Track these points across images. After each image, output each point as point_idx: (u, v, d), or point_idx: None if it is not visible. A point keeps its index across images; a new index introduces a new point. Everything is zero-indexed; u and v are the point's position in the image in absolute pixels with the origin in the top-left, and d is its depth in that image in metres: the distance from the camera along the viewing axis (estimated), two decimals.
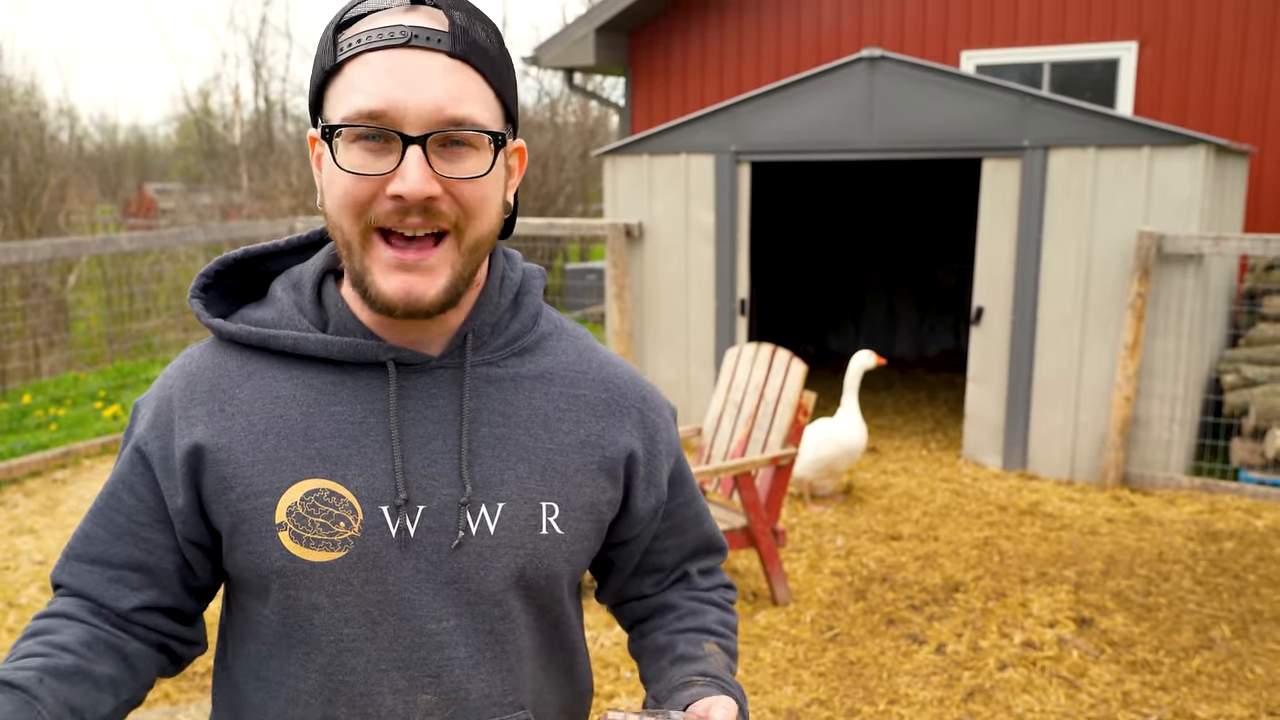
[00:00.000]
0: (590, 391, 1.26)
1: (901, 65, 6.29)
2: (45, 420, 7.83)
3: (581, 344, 1.30)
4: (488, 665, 1.18)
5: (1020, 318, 6.22)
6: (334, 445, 1.14)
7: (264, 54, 27.54)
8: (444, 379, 1.18)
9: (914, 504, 5.85)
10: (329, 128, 1.07)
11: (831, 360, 9.95)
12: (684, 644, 1.32)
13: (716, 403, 5.01)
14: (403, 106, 1.04)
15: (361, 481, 1.13)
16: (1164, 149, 5.72)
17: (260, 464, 1.13)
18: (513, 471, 1.18)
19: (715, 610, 1.38)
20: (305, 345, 1.16)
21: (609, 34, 9.68)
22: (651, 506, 1.30)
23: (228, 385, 1.17)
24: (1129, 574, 4.81)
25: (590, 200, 17.98)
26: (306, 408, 1.15)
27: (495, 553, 1.16)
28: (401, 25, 1.05)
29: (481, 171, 1.08)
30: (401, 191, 1.04)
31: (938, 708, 3.71)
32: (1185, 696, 3.76)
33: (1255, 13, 7.73)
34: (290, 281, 1.23)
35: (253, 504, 1.13)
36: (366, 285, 1.10)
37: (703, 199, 6.94)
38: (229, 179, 19.90)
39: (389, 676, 1.15)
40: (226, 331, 1.19)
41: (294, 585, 1.13)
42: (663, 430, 1.32)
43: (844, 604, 4.57)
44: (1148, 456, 6.07)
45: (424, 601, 1.15)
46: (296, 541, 1.12)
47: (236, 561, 1.16)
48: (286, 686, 1.17)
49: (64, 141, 20.16)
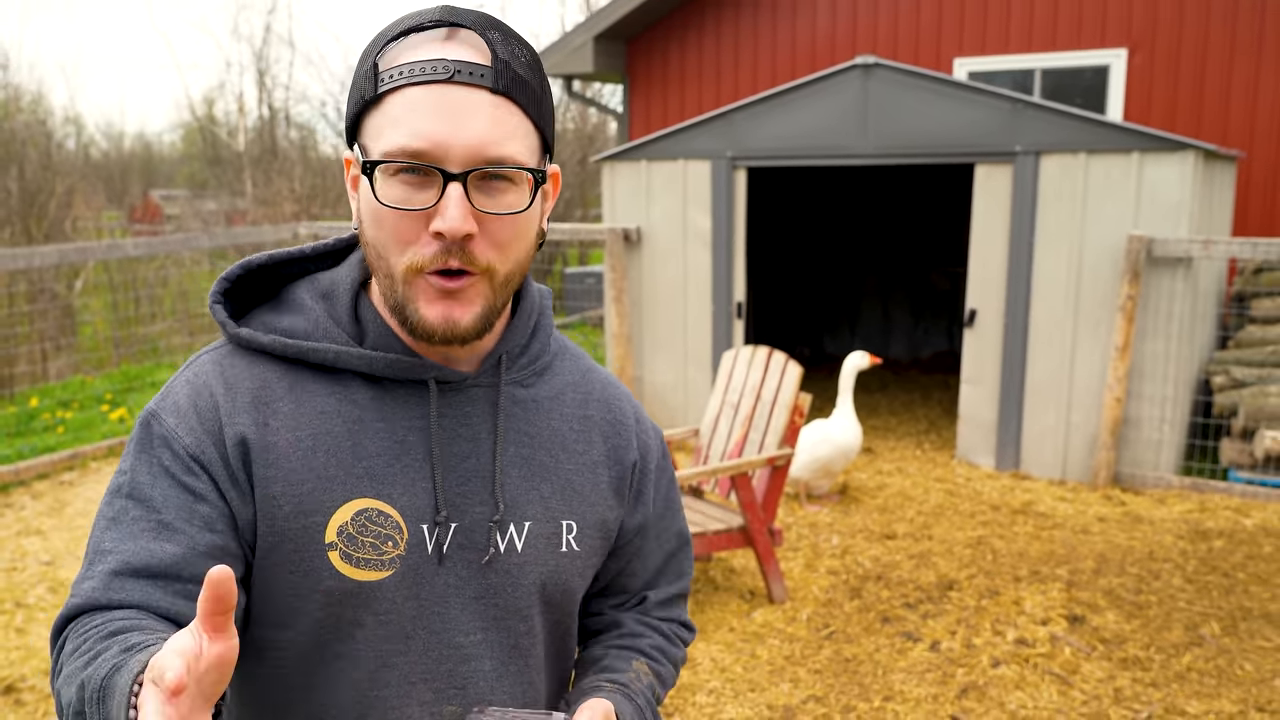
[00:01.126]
0: (597, 412, 1.29)
1: (895, 72, 6.29)
2: (52, 423, 7.82)
3: (583, 364, 1.32)
4: (510, 677, 1.20)
5: (1013, 320, 6.23)
6: (380, 464, 1.13)
7: (268, 62, 27.50)
8: (477, 398, 1.19)
9: (908, 504, 5.85)
10: (370, 163, 1.06)
11: (827, 363, 9.95)
12: (613, 658, 1.31)
13: (714, 404, 5.02)
14: (445, 145, 1.03)
15: (406, 501, 1.13)
16: (1153, 154, 5.73)
17: (310, 482, 1.11)
18: (537, 491, 1.20)
19: (657, 636, 1.36)
20: (347, 360, 1.14)
21: (607, 42, 9.69)
22: (637, 523, 1.32)
23: (268, 397, 1.13)
24: (1120, 572, 4.81)
25: (589, 205, 17.98)
26: (351, 424, 1.13)
27: (522, 569, 1.18)
28: (444, 60, 1.04)
29: (520, 208, 1.08)
30: (442, 229, 1.03)
31: (932, 704, 3.71)
32: (1176, 693, 3.77)
33: (1242, 21, 7.74)
34: (319, 291, 1.20)
35: (303, 523, 1.10)
36: (408, 314, 1.09)
37: (700, 204, 6.95)
38: (233, 185, 19.89)
39: (417, 689, 1.15)
40: (258, 344, 1.15)
41: (340, 604, 1.11)
42: (652, 451, 1.34)
43: (839, 602, 4.57)
44: (1138, 456, 6.08)
45: (454, 615, 1.15)
46: (347, 561, 1.10)
47: (271, 580, 1.11)
48: (309, 706, 1.15)
49: (70, 149, 20.18)
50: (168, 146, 32.20)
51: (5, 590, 4.71)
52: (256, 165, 19.31)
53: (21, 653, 4.13)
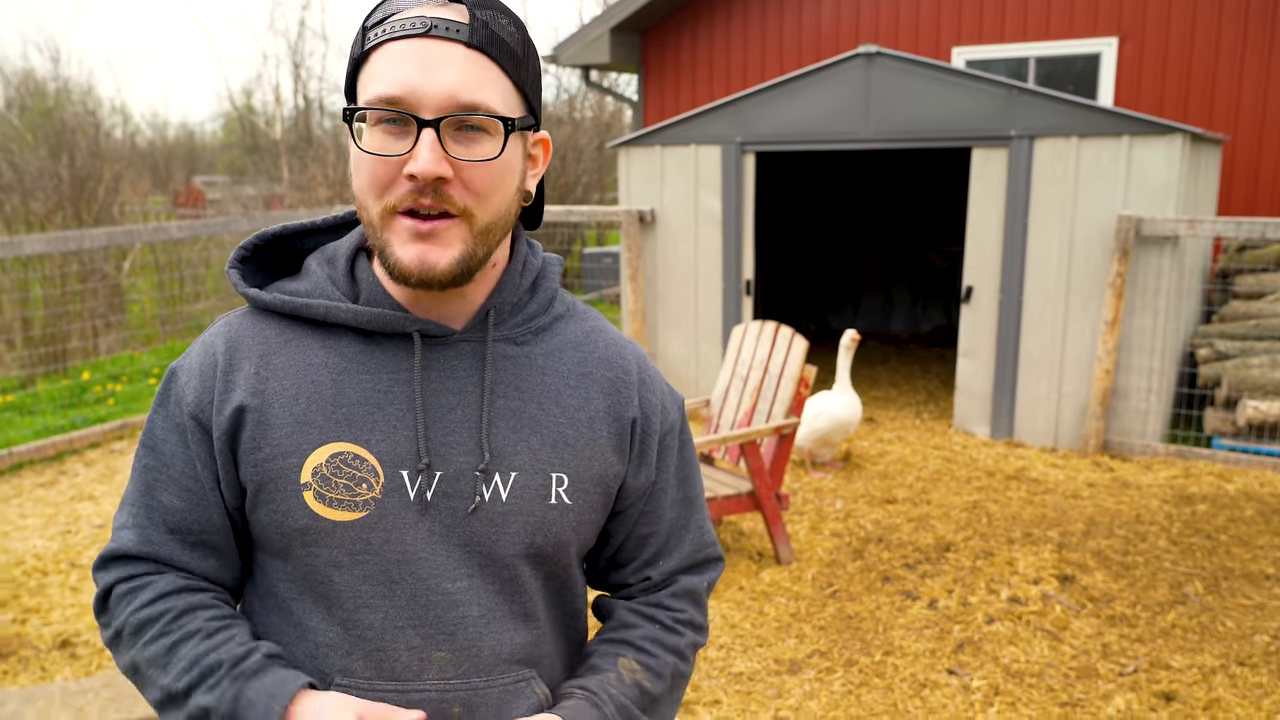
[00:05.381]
0: (597, 370, 1.24)
1: (896, 60, 6.23)
2: (103, 395, 7.86)
3: (590, 325, 1.27)
4: (498, 624, 1.17)
5: (1007, 296, 6.18)
6: (360, 411, 1.13)
7: (302, 55, 27.47)
8: (465, 352, 1.17)
9: (908, 470, 5.83)
10: (351, 110, 1.07)
11: (831, 338, 9.91)
12: (599, 655, 1.25)
13: (724, 376, 5.00)
14: (419, 92, 1.03)
15: (385, 446, 1.12)
16: (1142, 138, 5.66)
17: (289, 426, 1.12)
18: (525, 443, 1.17)
19: (650, 626, 1.28)
20: (336, 314, 1.15)
21: (623, 34, 9.63)
22: (641, 483, 1.26)
23: (264, 351, 1.16)
24: (1108, 534, 4.79)
25: (606, 189, 17.92)
26: (336, 374, 1.14)
27: (506, 519, 1.15)
28: (423, 16, 1.05)
29: (492, 155, 1.07)
30: (414, 171, 1.03)
31: (930, 658, 3.71)
32: (1161, 648, 3.75)
33: (1229, 9, 7.63)
34: (325, 257, 1.22)
35: (279, 464, 1.12)
36: (387, 256, 1.09)
37: (711, 187, 6.91)
38: (271, 171, 19.89)
39: (404, 633, 1.13)
40: (261, 300, 1.18)
41: (315, 543, 1.12)
42: (658, 413, 1.27)
43: (843, 563, 4.56)
44: (1126, 425, 6.04)
45: (439, 562, 1.13)
46: (320, 501, 1.11)
47: (260, 519, 1.14)
48: (306, 640, 1.16)
49: (118, 137, 20.19)
50: (209, 135, 32.22)
51: (60, 552, 4.74)
52: (292, 152, 19.30)
53: (76, 610, 4.16)
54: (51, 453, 6.24)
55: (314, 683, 1.10)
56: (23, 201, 11.98)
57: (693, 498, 1.34)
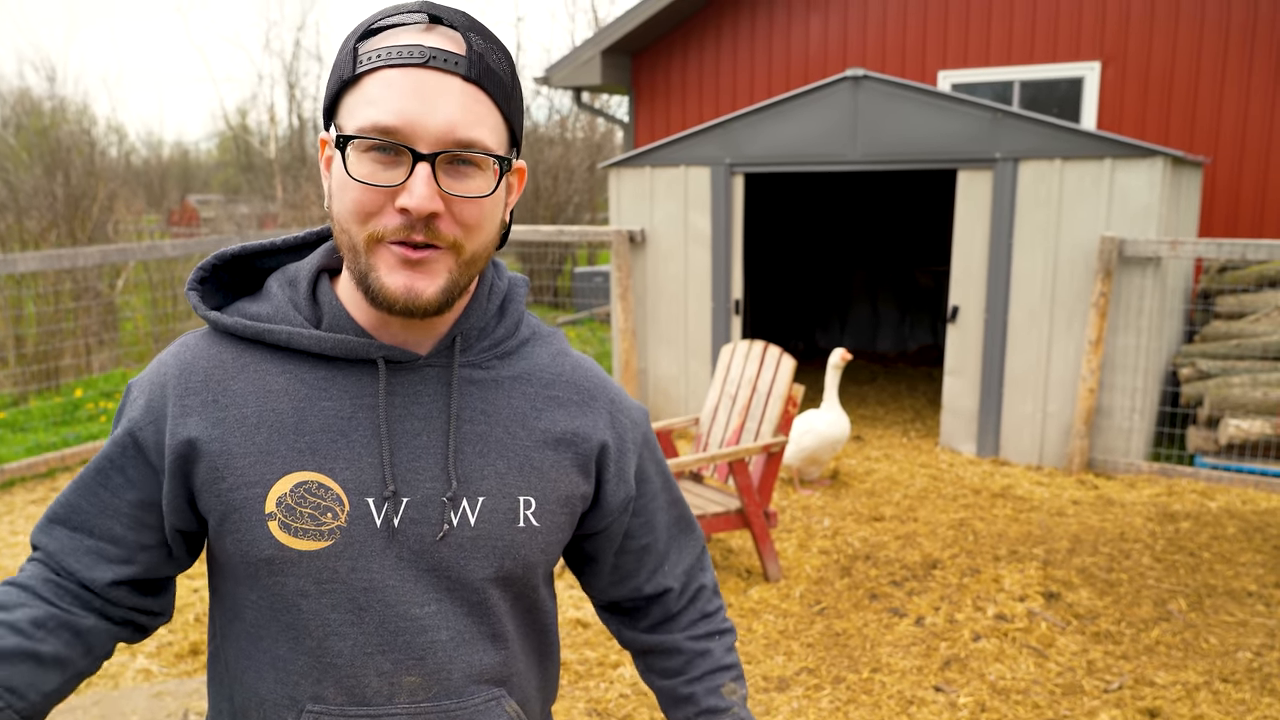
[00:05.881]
0: (563, 392, 1.23)
1: (883, 84, 6.27)
2: (95, 413, 7.83)
3: (555, 347, 1.27)
4: (468, 647, 1.16)
5: (993, 316, 6.21)
6: (323, 439, 1.11)
7: (297, 75, 27.51)
8: (430, 377, 1.15)
9: (895, 488, 5.84)
10: (343, 137, 1.05)
11: (819, 356, 9.93)
12: (704, 694, 1.34)
13: (713, 395, 5.01)
14: (417, 124, 1.01)
15: (349, 474, 1.11)
16: (1124, 160, 5.71)
17: (252, 455, 1.10)
18: (492, 467, 1.16)
19: (712, 640, 1.38)
20: (298, 340, 1.13)
21: (614, 56, 9.67)
22: (621, 500, 1.27)
23: (221, 376, 1.14)
24: (1093, 552, 4.80)
25: (597, 209, 17.96)
26: (298, 402, 1.12)
27: (475, 544, 1.14)
28: (421, 45, 1.03)
29: (485, 192, 1.06)
30: (408, 205, 1.02)
31: (917, 675, 3.71)
32: (1145, 665, 3.76)
33: (1209, 34, 7.70)
34: (286, 278, 1.19)
35: (244, 495, 1.10)
36: (370, 283, 1.06)
37: (700, 207, 6.93)
38: (265, 190, 19.89)
39: (374, 659, 1.12)
40: (222, 324, 1.16)
41: (282, 572, 1.11)
42: (630, 429, 1.28)
43: (830, 580, 4.56)
44: (1110, 443, 6.06)
45: (407, 589, 1.12)
46: (285, 531, 1.09)
47: (226, 548, 1.13)
48: (276, 668, 1.14)
49: (113, 156, 20.17)
50: (204, 154, 32.23)
51: None
52: (286, 171, 19.31)
53: None
54: (43, 470, 6.21)
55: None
56: (17, 220, 11.95)
57: (677, 496, 1.38)
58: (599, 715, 3.47)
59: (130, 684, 3.67)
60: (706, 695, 1.32)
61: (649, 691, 3.59)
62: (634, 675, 3.70)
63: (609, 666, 3.79)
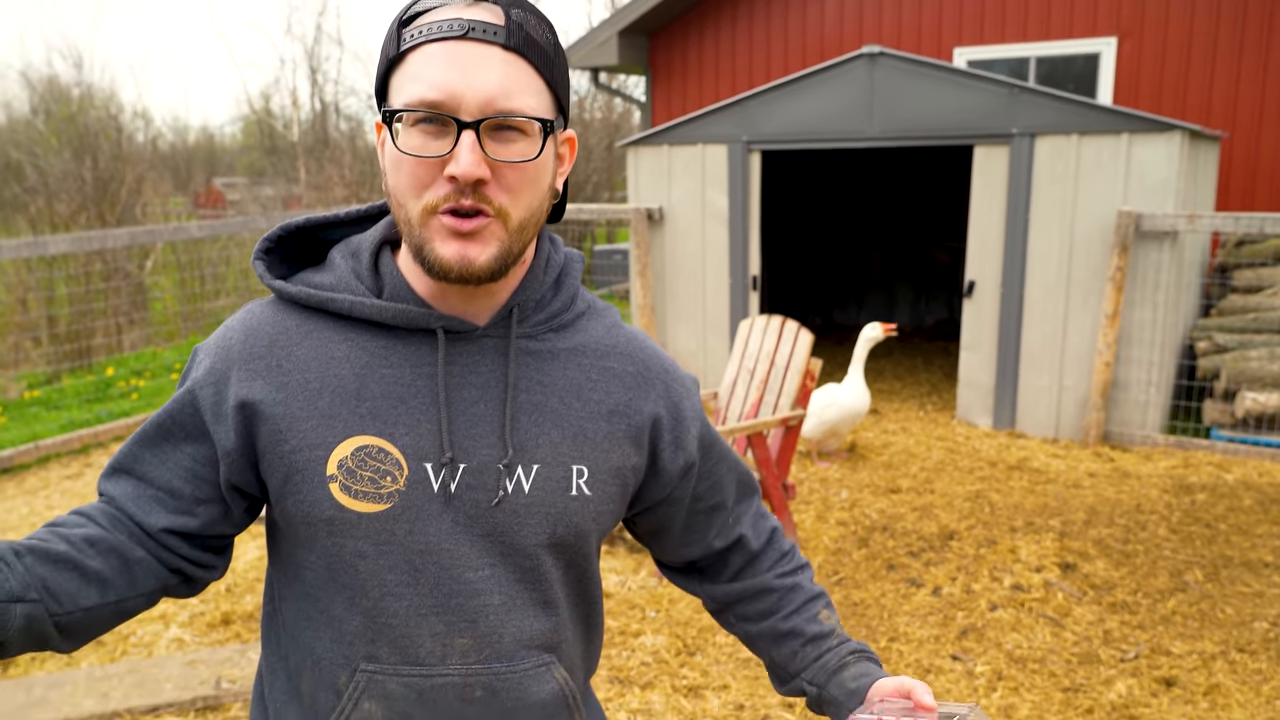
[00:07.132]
0: (618, 364, 1.24)
1: (899, 61, 6.21)
2: (127, 390, 7.89)
3: (610, 321, 1.28)
4: (519, 612, 1.17)
5: (1009, 291, 6.16)
6: (384, 405, 1.13)
7: (319, 59, 27.51)
8: (488, 348, 1.17)
9: (912, 460, 5.82)
10: (390, 112, 1.06)
11: (836, 332, 9.89)
12: (805, 623, 1.36)
13: (731, 369, 4.99)
14: (459, 95, 1.03)
15: (408, 440, 1.12)
16: (1142, 135, 5.63)
17: (314, 419, 1.12)
18: (546, 436, 1.17)
19: (797, 575, 1.40)
20: (360, 309, 1.15)
21: (631, 36, 9.61)
22: (680, 467, 1.28)
23: (285, 343, 1.15)
24: (1109, 523, 4.77)
25: (616, 188, 17.91)
26: (359, 369, 1.14)
27: (529, 510, 1.15)
28: (460, 18, 1.04)
29: (530, 156, 1.06)
30: (455, 173, 1.03)
31: (934, 644, 3.70)
32: (1161, 635, 3.74)
33: (1226, 8, 7.58)
34: (349, 250, 1.21)
35: (306, 457, 1.11)
36: (425, 254, 1.08)
37: (717, 185, 6.89)
38: (288, 173, 19.91)
39: (428, 621, 1.14)
40: (287, 292, 1.18)
41: (341, 533, 1.12)
42: (686, 399, 1.30)
43: (848, 551, 4.55)
44: (1126, 416, 6.01)
45: (462, 552, 1.13)
46: (345, 493, 1.11)
47: (287, 510, 1.14)
48: (332, 627, 1.16)
49: (140, 141, 20.21)
50: (228, 138, 32.29)
51: None
52: (309, 154, 19.32)
53: None
54: (77, 446, 6.26)
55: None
56: (48, 203, 12.00)
57: (736, 456, 1.41)
58: (621, 683, 3.48)
59: (164, 653, 3.71)
60: (808, 624, 1.35)
61: (670, 659, 3.60)
62: (655, 644, 3.70)
63: (630, 635, 3.79)
